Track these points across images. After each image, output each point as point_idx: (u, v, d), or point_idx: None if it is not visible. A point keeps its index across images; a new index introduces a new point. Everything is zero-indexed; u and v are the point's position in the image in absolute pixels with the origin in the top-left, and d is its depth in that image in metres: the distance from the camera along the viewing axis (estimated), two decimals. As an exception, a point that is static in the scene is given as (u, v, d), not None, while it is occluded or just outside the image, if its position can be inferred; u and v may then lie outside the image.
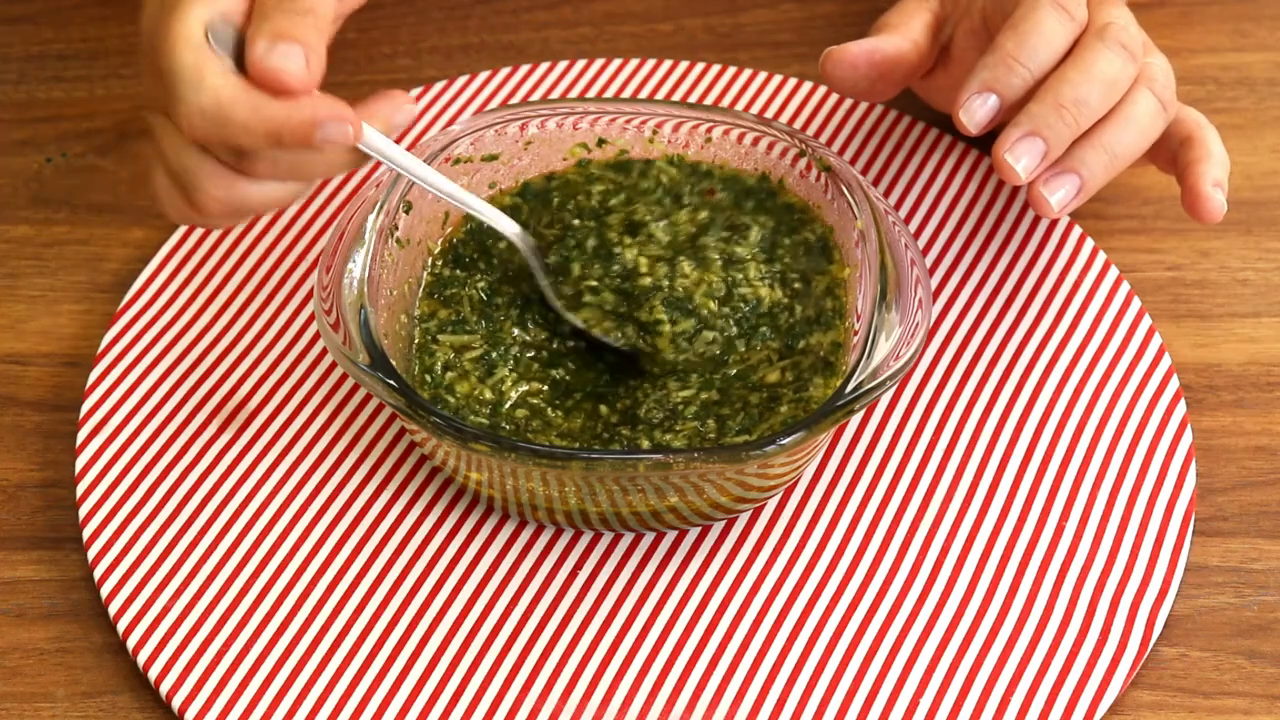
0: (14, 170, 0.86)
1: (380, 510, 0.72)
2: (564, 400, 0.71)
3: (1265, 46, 0.89)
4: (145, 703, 0.68)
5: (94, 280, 0.81)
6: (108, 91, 0.90)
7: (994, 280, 0.78)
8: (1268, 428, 0.74)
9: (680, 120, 0.76)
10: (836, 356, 0.70)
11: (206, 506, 0.72)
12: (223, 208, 0.69)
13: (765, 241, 0.73)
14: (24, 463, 0.75)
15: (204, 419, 0.75)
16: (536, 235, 0.75)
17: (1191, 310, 0.78)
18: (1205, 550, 0.71)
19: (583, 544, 0.71)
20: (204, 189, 0.68)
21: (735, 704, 0.66)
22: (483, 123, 0.75)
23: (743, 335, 0.71)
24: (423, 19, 0.92)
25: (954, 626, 0.68)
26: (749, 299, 0.72)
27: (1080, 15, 0.73)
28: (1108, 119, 0.72)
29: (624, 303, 0.72)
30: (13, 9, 0.94)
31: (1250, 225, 0.81)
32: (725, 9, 0.92)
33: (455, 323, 0.73)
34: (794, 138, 0.75)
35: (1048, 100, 0.70)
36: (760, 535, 0.70)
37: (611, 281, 0.72)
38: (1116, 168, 0.72)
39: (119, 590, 0.69)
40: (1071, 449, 0.72)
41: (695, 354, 0.71)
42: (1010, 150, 0.70)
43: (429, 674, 0.67)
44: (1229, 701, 0.67)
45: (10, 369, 0.78)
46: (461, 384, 0.71)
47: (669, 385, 0.70)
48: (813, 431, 0.64)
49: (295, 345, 0.77)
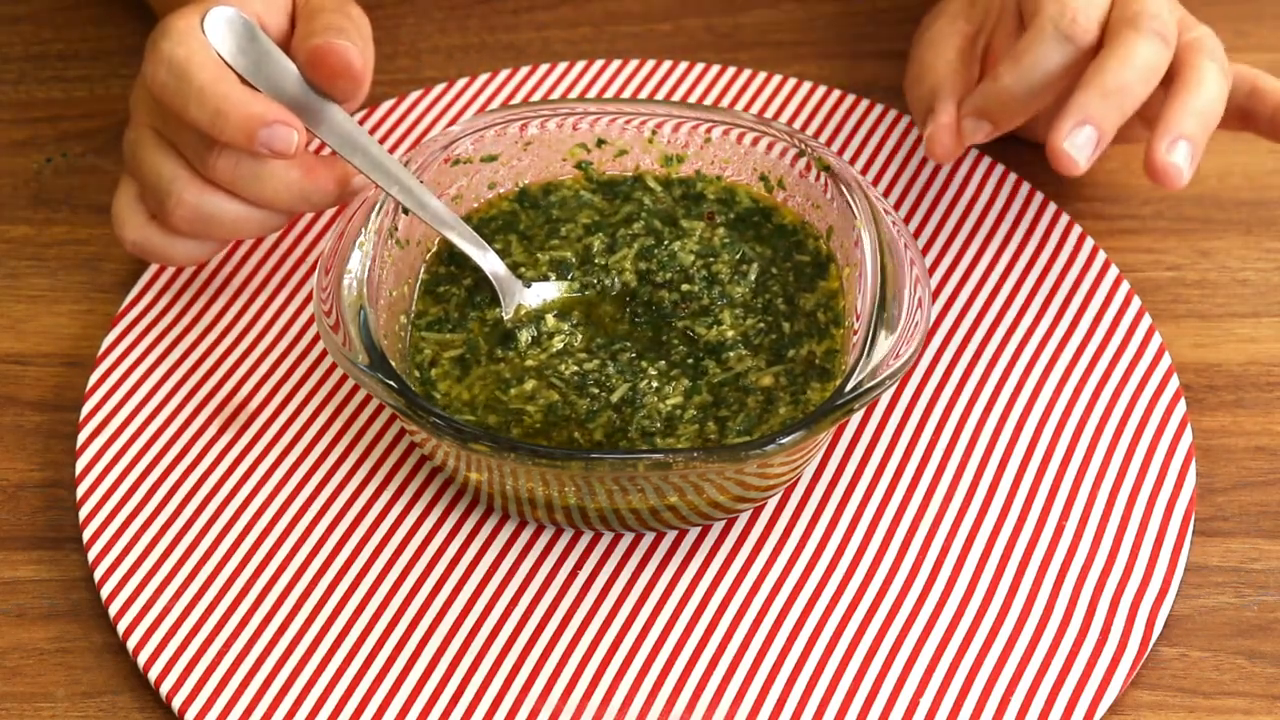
0: (14, 170, 0.86)
1: (380, 510, 0.72)
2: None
3: (1265, 46, 0.89)
4: (145, 703, 0.68)
5: (94, 280, 0.81)
6: (108, 91, 0.90)
7: (994, 280, 0.78)
8: (1268, 428, 0.74)
9: (680, 120, 0.76)
10: (832, 363, 0.70)
11: (207, 507, 0.72)
12: (192, 218, 0.72)
13: (757, 280, 0.73)
14: (24, 463, 0.75)
15: (204, 419, 0.75)
16: (530, 235, 0.76)
17: (1191, 310, 0.78)
18: (1205, 550, 0.71)
19: (582, 544, 0.71)
20: (175, 194, 0.72)
21: (735, 704, 0.66)
22: (482, 123, 0.76)
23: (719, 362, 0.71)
24: (423, 19, 0.92)
25: (954, 626, 0.68)
26: (715, 343, 0.72)
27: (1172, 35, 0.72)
28: (1180, 90, 0.71)
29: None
30: (13, 9, 0.94)
31: (1250, 225, 0.81)
32: (725, 9, 0.92)
33: (440, 320, 0.73)
34: (794, 138, 0.75)
35: (1093, 89, 0.70)
36: (760, 535, 0.70)
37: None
38: (1209, 125, 0.72)
39: (119, 590, 0.69)
40: (1071, 449, 0.72)
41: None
42: (1069, 139, 0.69)
43: (429, 674, 0.67)
44: (1229, 701, 0.67)
45: (10, 369, 0.78)
46: (443, 382, 0.71)
47: (650, 400, 0.70)
48: (812, 431, 0.64)
49: (295, 345, 0.77)
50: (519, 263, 0.75)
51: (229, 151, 0.70)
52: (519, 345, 0.72)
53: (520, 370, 0.71)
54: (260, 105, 0.69)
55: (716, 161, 0.77)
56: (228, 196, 0.72)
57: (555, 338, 0.72)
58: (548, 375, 0.71)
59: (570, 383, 0.70)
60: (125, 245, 0.74)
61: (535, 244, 0.75)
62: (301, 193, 0.72)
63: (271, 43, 0.73)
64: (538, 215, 0.76)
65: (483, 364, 0.71)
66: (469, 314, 0.73)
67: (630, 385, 0.70)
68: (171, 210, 0.72)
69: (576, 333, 0.72)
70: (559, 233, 0.76)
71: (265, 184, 0.71)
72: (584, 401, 0.70)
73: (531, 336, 0.72)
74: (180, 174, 0.72)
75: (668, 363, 0.71)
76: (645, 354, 0.72)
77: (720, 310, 0.73)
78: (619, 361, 0.71)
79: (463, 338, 0.72)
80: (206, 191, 0.72)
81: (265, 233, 0.74)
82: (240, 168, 0.71)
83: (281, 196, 0.72)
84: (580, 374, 0.71)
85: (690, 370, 0.71)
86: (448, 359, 0.72)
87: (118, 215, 0.74)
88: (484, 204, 0.77)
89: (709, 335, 0.72)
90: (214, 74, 0.70)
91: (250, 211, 0.73)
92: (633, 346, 0.72)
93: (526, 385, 0.70)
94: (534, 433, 0.69)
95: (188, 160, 0.72)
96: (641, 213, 0.76)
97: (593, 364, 0.71)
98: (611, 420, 0.69)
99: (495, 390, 0.70)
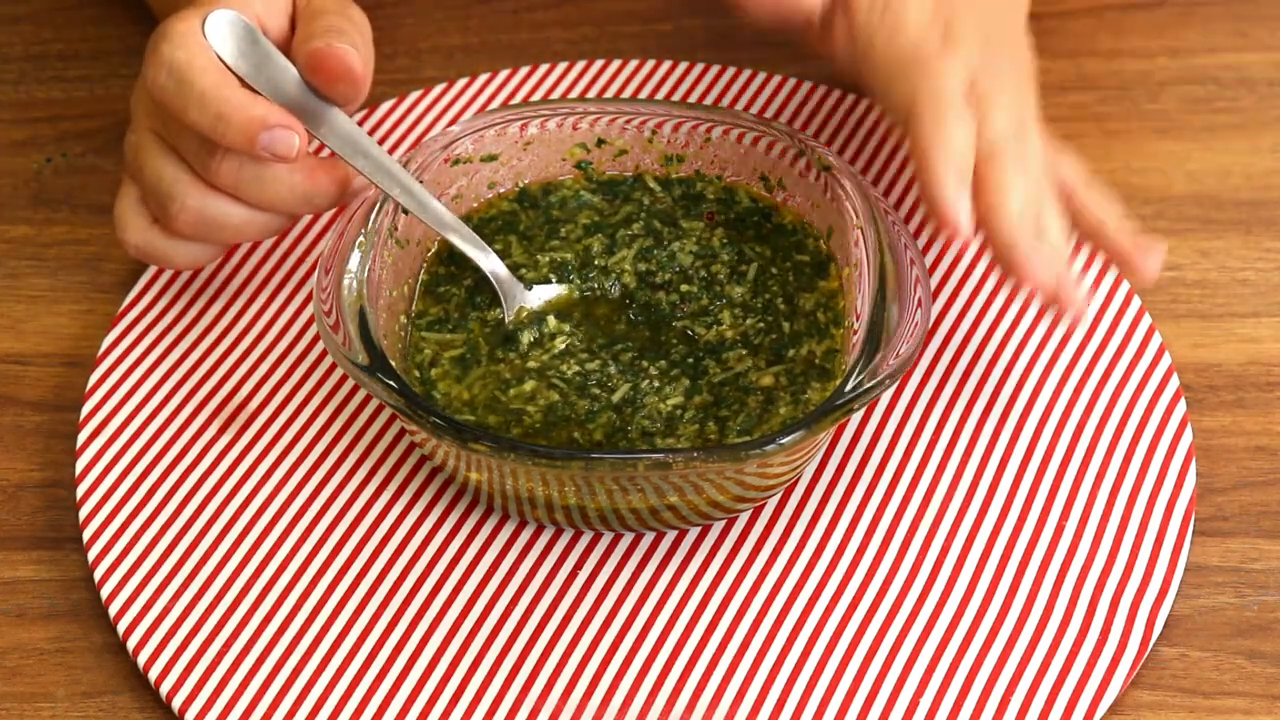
0: (14, 170, 0.86)
1: (380, 510, 0.72)
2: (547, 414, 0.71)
3: (1265, 46, 0.89)
4: (145, 703, 0.68)
5: (94, 280, 0.81)
6: (108, 91, 0.90)
7: (993, 280, 0.78)
8: (1268, 428, 0.74)
9: (680, 120, 0.76)
10: (832, 363, 0.70)
11: (207, 507, 0.72)
12: (195, 222, 0.72)
13: (756, 281, 0.73)
14: (24, 463, 0.75)
15: (204, 419, 0.75)
16: (530, 236, 0.76)
17: (1191, 310, 0.78)
18: (1205, 550, 0.71)
19: (582, 544, 0.71)
20: (178, 198, 0.72)
21: (735, 704, 0.66)
22: (483, 123, 0.76)
23: (718, 361, 0.71)
24: (423, 19, 0.92)
25: (954, 626, 0.68)
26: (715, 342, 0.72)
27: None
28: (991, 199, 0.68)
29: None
30: (13, 9, 0.94)
31: (1250, 225, 0.81)
32: (725, 9, 0.92)
33: (440, 320, 0.73)
34: (794, 138, 0.75)
35: (1003, 244, 0.67)
36: (760, 535, 0.70)
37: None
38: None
39: (119, 590, 0.69)
40: (1071, 448, 0.72)
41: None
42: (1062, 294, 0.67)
43: (429, 674, 0.67)
44: (1229, 701, 0.67)
45: (10, 369, 0.78)
46: (443, 382, 0.71)
47: (650, 400, 0.70)
48: (812, 430, 0.64)
49: (295, 346, 0.77)
50: (519, 264, 0.75)
51: (232, 155, 0.70)
52: (520, 346, 0.72)
53: (520, 371, 0.71)
54: (261, 109, 0.69)
55: (716, 161, 0.77)
56: (230, 200, 0.72)
57: (557, 338, 0.72)
58: (549, 376, 0.71)
59: (571, 383, 0.70)
60: (127, 249, 0.74)
61: (535, 245, 0.75)
62: (304, 195, 0.72)
63: (272, 46, 0.73)
64: (538, 215, 0.76)
65: (483, 364, 0.71)
66: (469, 314, 0.73)
67: (632, 385, 0.70)
68: (174, 215, 0.72)
69: (578, 333, 0.72)
70: (559, 233, 0.76)
71: (268, 187, 0.71)
72: (584, 402, 0.70)
73: (533, 338, 0.72)
74: (182, 178, 0.72)
75: (668, 362, 0.71)
76: (645, 354, 0.72)
77: (719, 310, 0.73)
78: (620, 361, 0.71)
79: (463, 338, 0.72)
80: (209, 195, 0.72)
81: (268, 235, 0.74)
82: (243, 171, 0.70)
83: (285, 199, 0.72)
84: (582, 374, 0.71)
85: (690, 370, 0.71)
86: (448, 359, 0.72)
87: (120, 219, 0.74)
88: (484, 204, 0.77)
89: (708, 335, 0.72)
90: (214, 78, 0.70)
91: (253, 214, 0.73)
92: (633, 346, 0.72)
93: (526, 386, 0.70)
94: (534, 433, 0.69)
95: (189, 164, 0.72)
96: (641, 213, 0.76)
97: (594, 364, 0.71)
98: (611, 420, 0.69)
99: (495, 390, 0.70)
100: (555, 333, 0.72)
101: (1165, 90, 0.87)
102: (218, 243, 0.74)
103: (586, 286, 0.74)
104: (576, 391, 0.70)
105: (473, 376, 0.71)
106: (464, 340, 0.72)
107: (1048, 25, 0.90)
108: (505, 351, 0.72)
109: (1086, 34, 0.90)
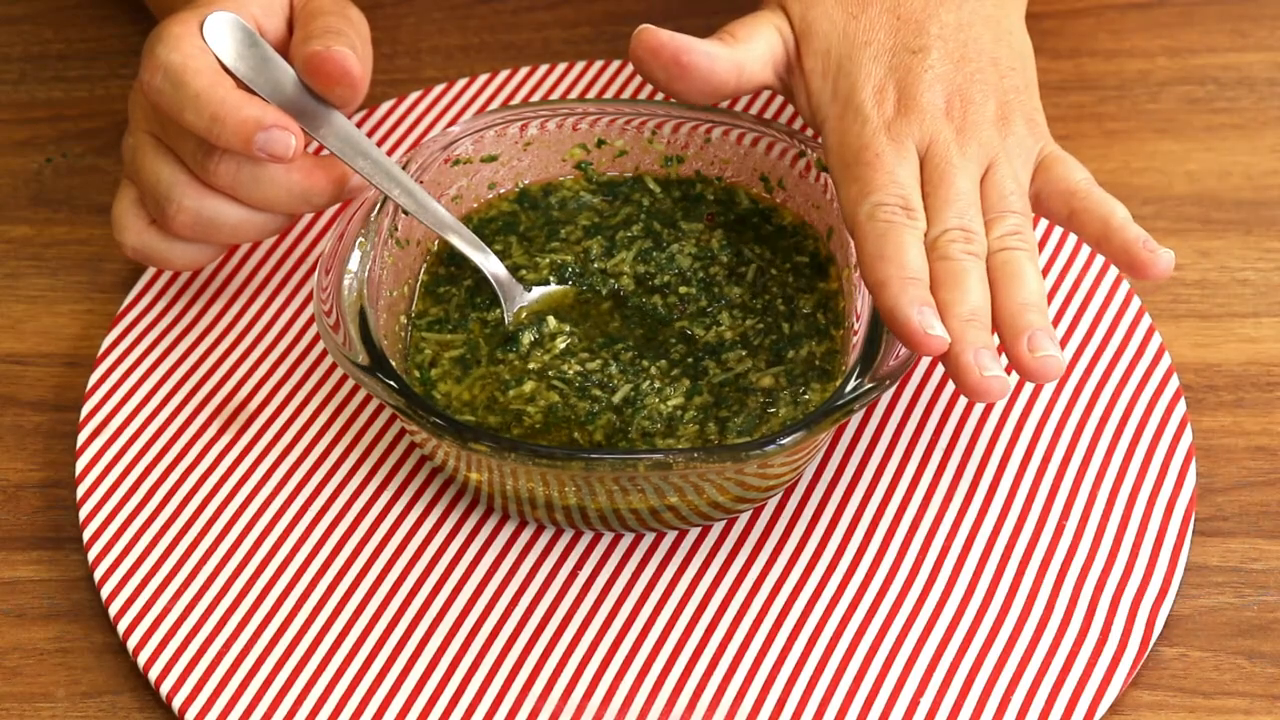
0: (14, 170, 0.86)
1: (380, 510, 0.72)
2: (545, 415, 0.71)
3: (1265, 46, 0.89)
4: (145, 703, 0.68)
5: (94, 280, 0.81)
6: (108, 91, 0.90)
7: (994, 280, 0.78)
8: (1268, 428, 0.74)
9: (680, 120, 0.76)
10: (832, 364, 0.70)
11: (207, 507, 0.72)
12: (193, 223, 0.72)
13: (755, 282, 0.73)
14: (24, 463, 0.75)
15: (204, 419, 0.75)
16: (530, 237, 0.76)
17: (1191, 310, 0.78)
18: (1205, 550, 0.71)
19: (582, 544, 0.71)
20: (175, 199, 0.72)
21: (735, 704, 0.66)
22: (482, 123, 0.76)
23: (718, 361, 0.71)
24: (423, 19, 0.92)
25: (954, 626, 0.68)
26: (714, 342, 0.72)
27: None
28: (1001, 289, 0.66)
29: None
30: (13, 9, 0.94)
31: (1250, 225, 0.81)
32: (725, 9, 0.92)
33: (441, 321, 0.73)
34: (794, 138, 0.75)
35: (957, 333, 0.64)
36: (760, 535, 0.70)
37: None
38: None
39: (119, 590, 0.69)
40: (1071, 448, 0.72)
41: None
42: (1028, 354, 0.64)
43: (429, 674, 0.67)
44: (1229, 701, 0.67)
45: (10, 369, 0.78)
46: (443, 383, 0.71)
47: (651, 400, 0.70)
48: (812, 431, 0.64)
49: (295, 345, 0.77)
50: (519, 265, 0.75)
51: (229, 156, 0.70)
52: (521, 347, 0.72)
53: (520, 371, 0.71)
54: (257, 110, 0.69)
55: (716, 162, 0.77)
56: (228, 201, 0.72)
57: (558, 339, 0.72)
58: (549, 376, 0.71)
59: (571, 384, 0.70)
60: (125, 251, 0.74)
61: (535, 246, 0.75)
62: (302, 194, 0.72)
63: (270, 47, 0.73)
64: (538, 216, 0.76)
65: (483, 364, 0.71)
66: (469, 314, 0.73)
67: (632, 386, 0.70)
68: (172, 216, 0.72)
69: (578, 333, 0.72)
70: (559, 234, 0.76)
71: (266, 188, 0.71)
72: (584, 403, 0.70)
73: (533, 338, 0.72)
74: (180, 179, 0.72)
75: (668, 363, 0.71)
76: (645, 355, 0.72)
77: (719, 311, 0.73)
78: (620, 362, 0.71)
79: (463, 338, 0.72)
80: (207, 196, 0.72)
81: (266, 235, 0.74)
82: (240, 172, 0.70)
83: (282, 199, 0.72)
84: (582, 374, 0.71)
85: (690, 371, 0.71)
86: (448, 359, 0.72)
87: (117, 220, 0.74)
88: (484, 204, 0.77)
89: (708, 336, 0.72)
90: (210, 79, 0.70)
91: (251, 215, 0.73)
92: (633, 347, 0.72)
93: (526, 386, 0.70)
94: (534, 433, 0.69)
95: (187, 165, 0.72)
96: (640, 214, 0.76)
97: (594, 364, 0.71)
98: (612, 421, 0.69)
99: (495, 391, 0.70)
100: (555, 333, 0.72)
101: (1165, 90, 0.87)
102: (216, 243, 0.74)
103: (586, 287, 0.74)
104: (576, 392, 0.70)
105: (473, 377, 0.71)
106: (464, 341, 0.72)
107: (1048, 25, 0.90)
108: (505, 352, 0.72)
109: (1086, 34, 0.90)
